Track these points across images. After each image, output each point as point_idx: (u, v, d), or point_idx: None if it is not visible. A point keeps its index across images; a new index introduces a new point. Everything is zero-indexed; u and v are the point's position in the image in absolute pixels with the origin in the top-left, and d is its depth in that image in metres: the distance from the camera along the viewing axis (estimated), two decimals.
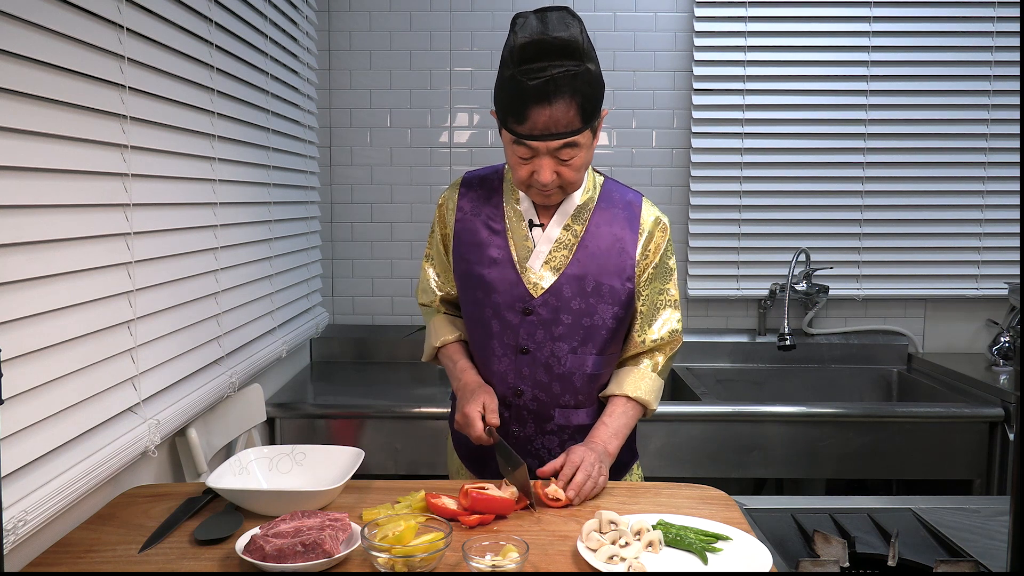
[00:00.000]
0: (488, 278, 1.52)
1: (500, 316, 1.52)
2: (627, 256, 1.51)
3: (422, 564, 1.09)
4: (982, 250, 2.88)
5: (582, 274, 1.49)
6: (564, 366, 1.51)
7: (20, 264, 1.16)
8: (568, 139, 1.36)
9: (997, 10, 2.77)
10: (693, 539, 1.19)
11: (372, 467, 2.28)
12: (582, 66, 1.32)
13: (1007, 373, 2.62)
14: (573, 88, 1.32)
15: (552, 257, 1.50)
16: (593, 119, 1.38)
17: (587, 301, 1.49)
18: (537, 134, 1.35)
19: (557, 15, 1.34)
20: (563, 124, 1.34)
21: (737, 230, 2.88)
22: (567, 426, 1.54)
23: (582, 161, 1.41)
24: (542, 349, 1.51)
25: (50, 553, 1.19)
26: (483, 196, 1.56)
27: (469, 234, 1.55)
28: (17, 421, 1.14)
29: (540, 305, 1.50)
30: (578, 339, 1.50)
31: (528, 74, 1.31)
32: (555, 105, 1.32)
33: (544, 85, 1.31)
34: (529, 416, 1.54)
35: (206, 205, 1.82)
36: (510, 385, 1.53)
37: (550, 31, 1.31)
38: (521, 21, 1.35)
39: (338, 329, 2.94)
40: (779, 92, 2.82)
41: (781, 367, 2.91)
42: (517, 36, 1.33)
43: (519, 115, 1.34)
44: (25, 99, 1.17)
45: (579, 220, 1.51)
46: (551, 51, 1.31)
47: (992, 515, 1.49)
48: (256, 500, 1.30)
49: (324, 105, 2.88)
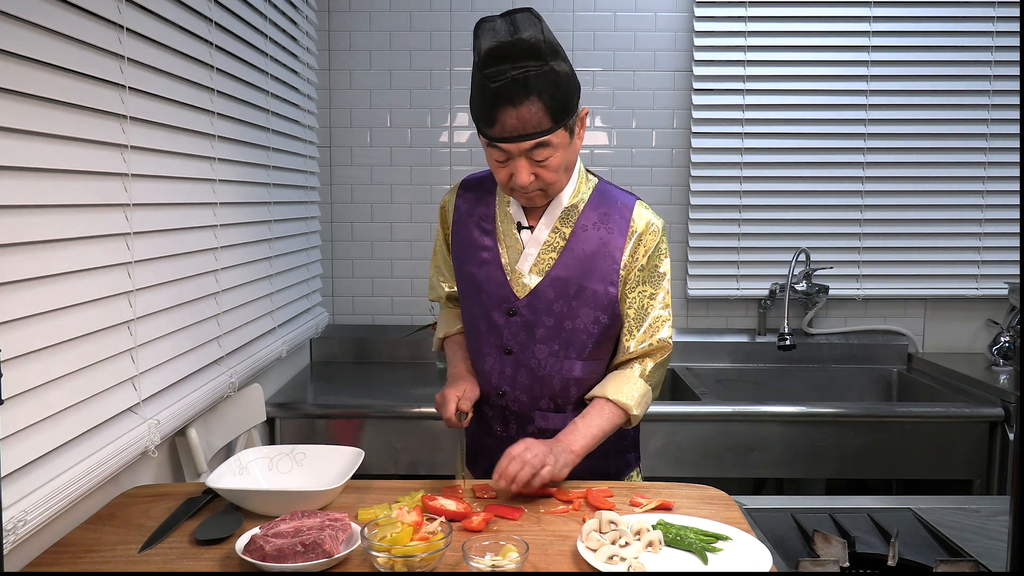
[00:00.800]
0: (478, 278, 1.54)
1: (487, 316, 1.53)
2: (612, 261, 1.49)
3: (422, 564, 1.09)
4: (982, 250, 2.88)
5: (566, 277, 1.49)
6: (544, 369, 1.51)
7: (20, 264, 1.16)
8: (538, 139, 1.35)
9: (997, 10, 2.77)
10: (693, 539, 1.19)
11: (372, 467, 2.28)
12: (545, 65, 1.32)
13: (1007, 373, 2.62)
14: (538, 88, 1.32)
15: (540, 259, 1.50)
16: (565, 118, 1.37)
17: (569, 304, 1.49)
18: (507, 136, 1.35)
19: (518, 17, 1.33)
20: (532, 125, 1.34)
21: (737, 230, 2.88)
22: (548, 429, 1.53)
23: (559, 162, 1.40)
24: (524, 351, 1.52)
25: (50, 553, 1.19)
26: (478, 198, 1.58)
27: (464, 235, 1.57)
28: (17, 421, 1.14)
29: (523, 306, 1.50)
30: (559, 342, 1.50)
31: (492, 77, 1.32)
32: (521, 106, 1.32)
33: (507, 87, 1.31)
34: (511, 417, 1.56)
35: (206, 205, 1.82)
36: (494, 385, 1.55)
37: (511, 34, 1.31)
38: (487, 25, 1.35)
39: (338, 329, 2.94)
40: (779, 92, 2.82)
41: (781, 367, 2.91)
42: (480, 41, 1.34)
43: (488, 118, 1.35)
44: (25, 99, 1.17)
45: (567, 222, 1.50)
46: (513, 53, 1.31)
47: (992, 515, 1.48)
48: (256, 500, 1.30)
49: (324, 105, 2.88)
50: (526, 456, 1.34)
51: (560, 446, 1.40)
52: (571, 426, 1.46)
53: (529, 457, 1.33)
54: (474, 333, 1.58)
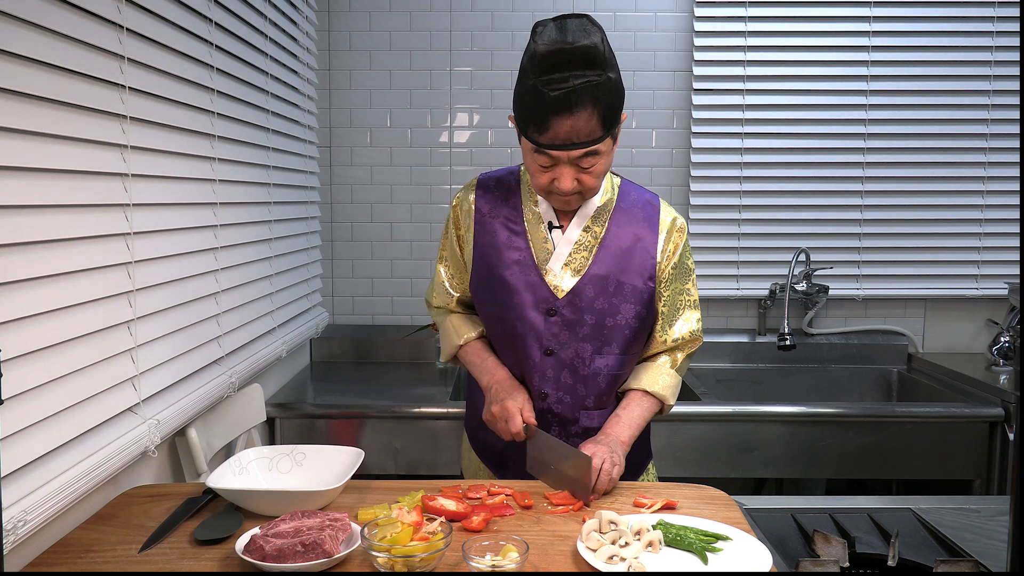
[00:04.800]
0: (510, 279, 1.51)
1: (524, 318, 1.51)
2: (648, 256, 1.51)
3: (422, 564, 1.09)
4: (982, 250, 2.88)
5: (604, 274, 1.50)
6: (589, 367, 1.51)
7: (20, 264, 1.16)
8: (589, 148, 1.35)
9: (997, 10, 2.77)
10: (693, 539, 1.19)
11: (372, 467, 2.28)
12: (604, 75, 1.31)
13: (1007, 373, 2.62)
14: (595, 98, 1.30)
15: (572, 259, 1.50)
16: (614, 126, 1.37)
17: (610, 301, 1.49)
18: (559, 144, 1.34)
19: (577, 22, 1.31)
20: (585, 134, 1.33)
21: (737, 230, 2.88)
22: (592, 428, 1.53)
23: (603, 168, 1.40)
24: (566, 350, 1.51)
25: (50, 553, 1.19)
26: (500, 198, 1.56)
27: (489, 236, 1.54)
28: (17, 421, 1.14)
29: (564, 306, 1.49)
30: (602, 339, 1.50)
31: (549, 84, 1.30)
32: (577, 115, 1.30)
33: (566, 96, 1.29)
34: (554, 420, 1.54)
35: (206, 205, 1.82)
36: (535, 388, 1.53)
37: (571, 40, 1.29)
38: (541, 29, 1.33)
39: (338, 329, 2.94)
40: (779, 92, 2.82)
41: (781, 367, 2.91)
42: (538, 45, 1.31)
43: (540, 125, 1.33)
44: (25, 99, 1.17)
45: (599, 222, 1.52)
46: (572, 60, 1.29)
47: (992, 515, 1.48)
48: (256, 500, 1.30)
49: (324, 105, 2.88)
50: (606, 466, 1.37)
51: (612, 439, 1.44)
52: (614, 418, 1.50)
53: (605, 465, 1.37)
54: (508, 336, 1.53)
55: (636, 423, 1.50)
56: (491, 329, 1.58)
